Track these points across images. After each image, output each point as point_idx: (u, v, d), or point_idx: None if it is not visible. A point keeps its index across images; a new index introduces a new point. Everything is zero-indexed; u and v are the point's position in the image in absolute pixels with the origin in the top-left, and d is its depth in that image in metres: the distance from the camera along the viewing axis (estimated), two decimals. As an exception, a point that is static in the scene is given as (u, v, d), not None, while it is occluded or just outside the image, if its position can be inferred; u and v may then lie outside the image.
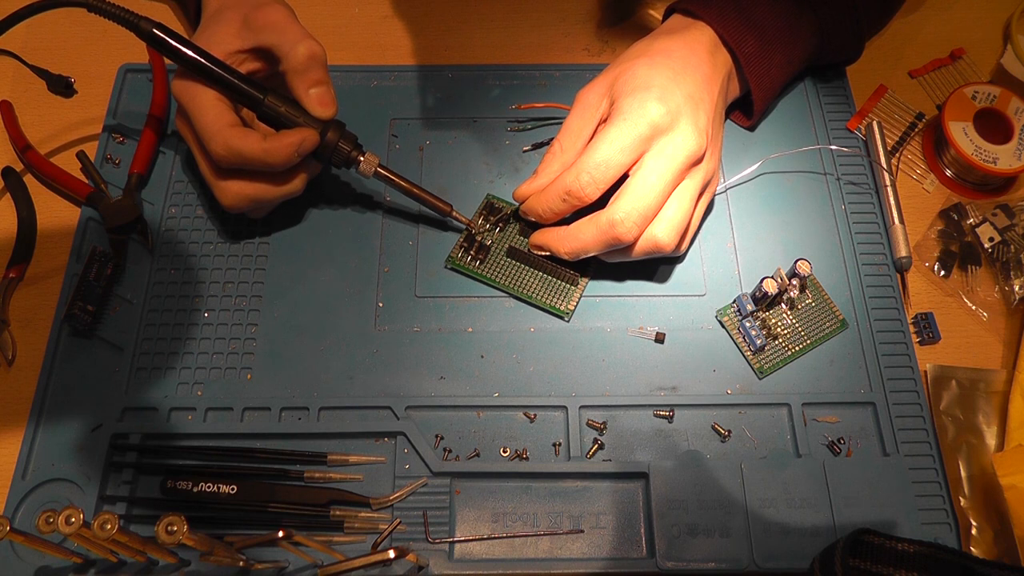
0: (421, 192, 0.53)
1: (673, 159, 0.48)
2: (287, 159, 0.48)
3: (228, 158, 0.48)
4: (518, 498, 0.48)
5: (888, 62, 0.64)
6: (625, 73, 0.50)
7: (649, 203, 0.47)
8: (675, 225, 0.49)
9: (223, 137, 0.48)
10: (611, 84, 0.51)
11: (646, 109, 0.48)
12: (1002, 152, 0.56)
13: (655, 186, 0.47)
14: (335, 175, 0.58)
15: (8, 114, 0.58)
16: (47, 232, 0.56)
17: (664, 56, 0.51)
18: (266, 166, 0.49)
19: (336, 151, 0.51)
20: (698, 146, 0.48)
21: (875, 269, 0.55)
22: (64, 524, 0.36)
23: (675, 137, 0.48)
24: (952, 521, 0.48)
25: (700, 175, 0.50)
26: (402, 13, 0.66)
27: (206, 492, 0.47)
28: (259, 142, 0.48)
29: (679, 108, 0.48)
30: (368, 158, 0.52)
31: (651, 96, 0.48)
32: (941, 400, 0.51)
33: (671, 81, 0.49)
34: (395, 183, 0.53)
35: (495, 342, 0.52)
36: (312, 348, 0.52)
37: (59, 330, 0.52)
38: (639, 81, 0.49)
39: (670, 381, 0.51)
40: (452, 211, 0.54)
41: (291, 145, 0.48)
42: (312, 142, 0.49)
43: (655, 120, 0.47)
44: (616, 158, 0.48)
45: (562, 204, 0.50)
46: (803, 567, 0.45)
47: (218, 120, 0.48)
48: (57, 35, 0.64)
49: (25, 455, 0.48)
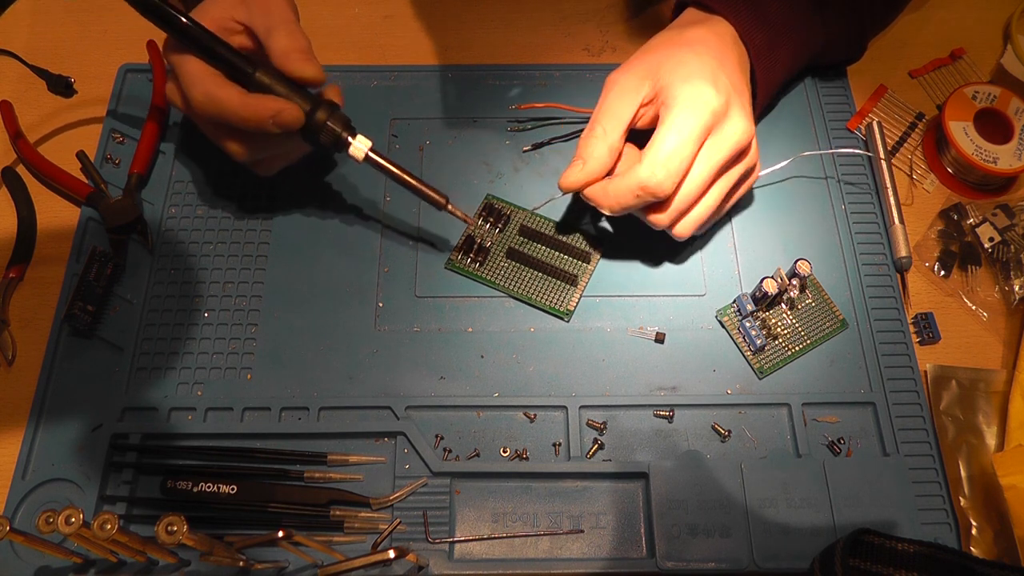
0: (416, 182, 0.51)
1: (723, 146, 0.48)
2: (262, 120, 0.48)
3: (208, 107, 0.48)
4: (518, 498, 0.48)
5: (888, 62, 0.64)
6: (670, 59, 0.50)
7: (691, 190, 0.49)
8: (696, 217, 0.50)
9: (204, 85, 0.48)
10: (652, 69, 0.50)
11: (707, 98, 0.47)
12: (1002, 152, 0.56)
13: (700, 175, 0.48)
14: (336, 175, 0.58)
15: (8, 114, 0.58)
16: (47, 232, 0.56)
17: (703, 45, 0.50)
18: (242, 121, 0.48)
19: (324, 129, 0.49)
20: (747, 134, 0.49)
21: (875, 269, 0.55)
22: (64, 524, 0.36)
23: (728, 125, 0.48)
24: (952, 521, 0.48)
25: (741, 167, 0.51)
26: (402, 13, 0.66)
27: (206, 492, 0.47)
28: (239, 95, 0.48)
29: (730, 96, 0.48)
30: (360, 140, 0.50)
31: (707, 84, 0.48)
32: (941, 400, 0.51)
33: (719, 69, 0.49)
34: (388, 170, 0.50)
35: (495, 342, 0.52)
36: (312, 348, 0.52)
37: (59, 330, 0.52)
38: (691, 68, 0.49)
39: (670, 381, 0.51)
40: (448, 204, 0.51)
41: (269, 109, 0.47)
42: (293, 116, 0.48)
43: (716, 108, 0.47)
44: (687, 149, 0.47)
45: (634, 200, 0.48)
46: (803, 567, 0.45)
47: (202, 70, 0.48)
48: (57, 35, 0.64)
49: (25, 455, 0.48)
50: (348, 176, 0.58)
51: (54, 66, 0.56)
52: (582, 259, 0.54)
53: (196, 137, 0.59)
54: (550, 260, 0.54)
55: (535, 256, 0.54)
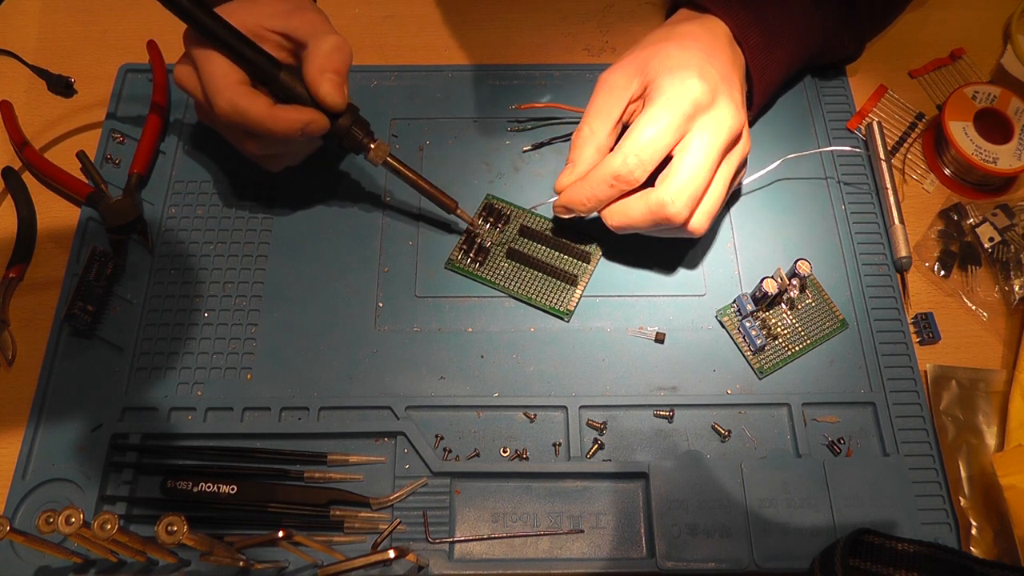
0: (428, 186, 0.52)
1: (716, 136, 0.48)
2: (289, 133, 0.48)
3: (231, 116, 0.47)
4: (518, 498, 0.48)
5: (888, 62, 0.64)
6: (658, 54, 0.50)
7: (698, 184, 0.47)
8: (707, 210, 0.49)
9: (231, 94, 0.47)
10: (641, 66, 0.50)
11: (687, 87, 0.47)
12: (1002, 152, 0.56)
13: (702, 166, 0.47)
14: (336, 174, 0.58)
15: (8, 114, 0.58)
16: (47, 232, 0.56)
17: (692, 39, 0.51)
18: (267, 132, 0.48)
19: (348, 135, 0.50)
20: (738, 122, 0.49)
21: (875, 269, 0.55)
22: (64, 524, 0.36)
23: (716, 115, 0.48)
24: (952, 521, 0.48)
25: (737, 156, 0.50)
26: (402, 13, 0.66)
27: (206, 492, 0.47)
28: (266, 107, 0.47)
29: (716, 86, 0.48)
30: (379, 146, 0.51)
31: (691, 74, 0.48)
32: (941, 400, 0.51)
33: (705, 61, 0.49)
34: (403, 174, 0.52)
35: (495, 342, 0.52)
36: (312, 348, 0.52)
37: (59, 330, 0.52)
38: (675, 61, 0.49)
39: (670, 381, 0.51)
40: (457, 208, 0.53)
41: (297, 121, 0.47)
42: (320, 126, 0.48)
43: (697, 98, 0.47)
44: (663, 138, 0.47)
45: (609, 190, 0.49)
46: (803, 567, 0.45)
47: (228, 75, 0.47)
48: (57, 35, 0.64)
49: (25, 455, 0.48)
50: (348, 176, 0.58)
51: (54, 66, 0.56)
52: (582, 259, 0.54)
53: (196, 137, 0.59)
54: (550, 260, 0.54)
55: (535, 256, 0.54)
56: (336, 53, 0.48)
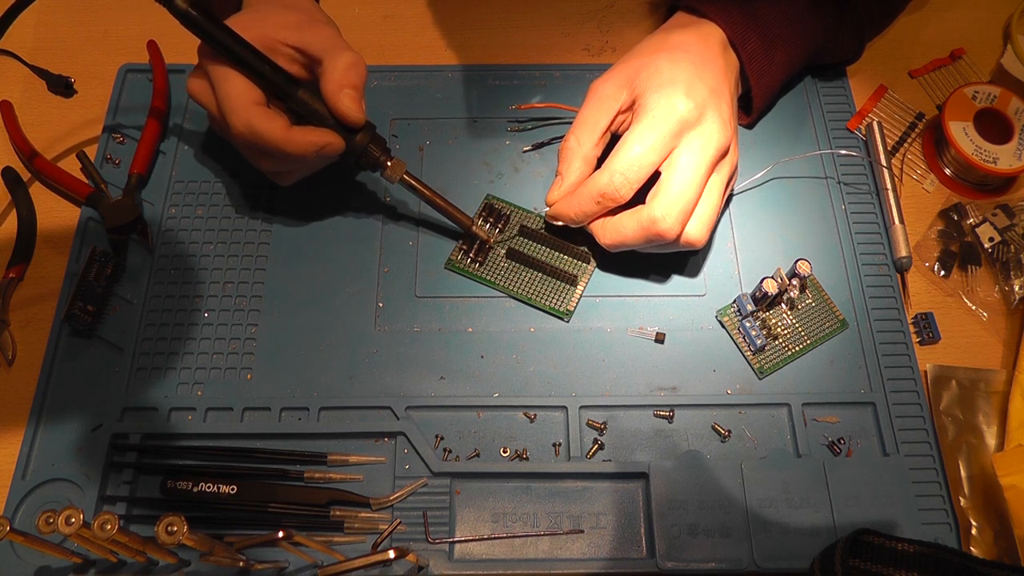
0: (444, 203, 0.52)
1: (704, 153, 0.48)
2: (305, 154, 0.48)
3: (247, 137, 0.47)
4: (518, 498, 0.48)
5: (888, 62, 0.64)
6: (647, 68, 0.50)
7: (688, 199, 0.48)
8: (705, 221, 0.49)
9: (247, 114, 0.47)
10: (630, 77, 0.50)
11: (674, 105, 0.48)
12: (1002, 152, 0.56)
13: (691, 181, 0.48)
14: (336, 175, 0.58)
15: (8, 114, 0.58)
16: (47, 232, 0.56)
17: (683, 51, 0.51)
18: (282, 154, 0.48)
19: (365, 154, 0.50)
20: (725, 138, 0.49)
21: (875, 269, 0.55)
22: (64, 524, 0.36)
23: (703, 131, 0.48)
24: (952, 521, 0.48)
25: (727, 168, 0.50)
26: (402, 13, 0.66)
27: (206, 492, 0.47)
28: (283, 129, 0.47)
29: (704, 102, 0.48)
30: (396, 163, 0.51)
31: (678, 92, 0.48)
32: (941, 400, 0.51)
33: (694, 76, 0.49)
34: (419, 191, 0.52)
35: (495, 342, 0.52)
36: (312, 348, 0.52)
37: (59, 330, 0.52)
38: (664, 77, 0.49)
39: (670, 381, 0.51)
40: (473, 226, 0.53)
41: (313, 144, 0.48)
42: (336, 148, 0.49)
43: (683, 116, 0.48)
44: (648, 156, 0.48)
45: (595, 206, 0.50)
46: (803, 567, 0.45)
47: (244, 95, 0.47)
48: (57, 35, 0.64)
49: (25, 455, 0.48)
50: (348, 176, 0.58)
51: (54, 66, 0.56)
52: (582, 259, 0.54)
53: (197, 138, 0.59)
54: (550, 260, 0.54)
55: (535, 256, 0.54)
56: (353, 69, 0.48)
